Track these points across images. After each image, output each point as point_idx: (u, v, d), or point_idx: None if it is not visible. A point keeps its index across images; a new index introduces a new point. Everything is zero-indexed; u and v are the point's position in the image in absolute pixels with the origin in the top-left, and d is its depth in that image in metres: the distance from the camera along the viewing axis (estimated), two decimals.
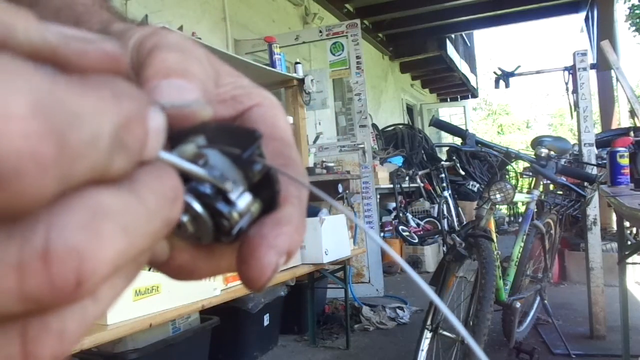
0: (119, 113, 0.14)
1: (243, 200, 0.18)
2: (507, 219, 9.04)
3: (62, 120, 0.12)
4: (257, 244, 0.19)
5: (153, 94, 0.18)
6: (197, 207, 0.18)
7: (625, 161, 2.32)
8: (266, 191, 0.19)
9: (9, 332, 0.13)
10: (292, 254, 0.20)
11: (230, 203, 0.18)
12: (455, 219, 6.29)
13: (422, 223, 6.03)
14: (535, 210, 2.66)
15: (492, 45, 54.89)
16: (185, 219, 0.18)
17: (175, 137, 0.18)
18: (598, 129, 6.05)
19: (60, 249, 0.12)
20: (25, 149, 0.11)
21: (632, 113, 3.86)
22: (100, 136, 0.13)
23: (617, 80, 3.81)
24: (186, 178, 0.17)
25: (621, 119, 6.28)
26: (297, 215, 0.20)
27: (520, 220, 2.93)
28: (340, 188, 4.01)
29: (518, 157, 2.41)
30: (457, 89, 12.98)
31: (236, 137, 0.19)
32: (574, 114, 3.31)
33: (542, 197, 2.95)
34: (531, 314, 2.98)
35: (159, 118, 0.16)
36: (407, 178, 6.19)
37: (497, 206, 2.24)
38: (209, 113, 0.18)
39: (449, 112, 13.15)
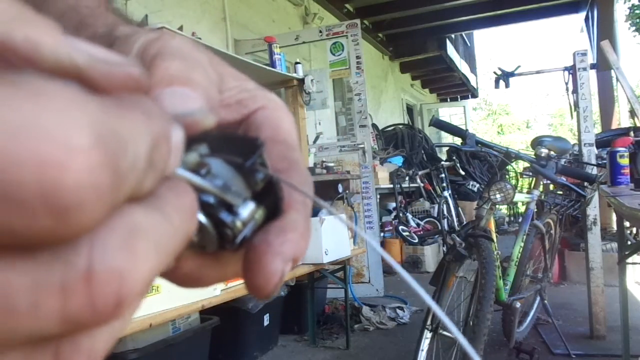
0: (150, 133, 0.14)
1: (246, 209, 0.18)
2: (507, 219, 9.04)
3: (115, 148, 0.12)
4: (262, 251, 0.19)
5: (158, 104, 0.18)
6: (201, 217, 0.18)
7: (625, 161, 2.32)
8: (270, 198, 0.19)
9: (44, 353, 0.13)
10: (298, 260, 0.20)
11: (233, 212, 0.18)
12: (455, 219, 6.29)
13: (422, 223, 6.03)
14: (535, 210, 2.66)
15: (492, 45, 54.92)
16: None
17: None
18: (598, 129, 6.05)
19: (102, 271, 0.12)
20: (88, 181, 0.11)
21: (632, 113, 3.86)
22: (139, 158, 0.13)
23: (617, 80, 3.81)
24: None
25: (621, 119, 6.28)
26: (302, 221, 0.20)
27: (520, 220, 2.93)
28: (340, 188, 4.01)
29: (518, 157, 2.41)
30: (457, 89, 12.98)
31: (238, 146, 0.19)
32: (574, 114, 3.31)
33: (542, 197, 2.95)
34: (531, 314, 2.98)
35: (179, 134, 0.16)
36: (407, 178, 6.18)
37: (497, 206, 2.24)
38: (211, 121, 0.18)
39: (449, 112, 13.15)
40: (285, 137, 0.23)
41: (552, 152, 2.45)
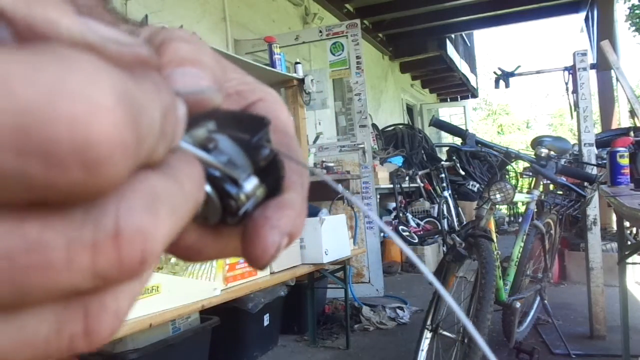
0: (161, 102, 0.15)
1: (250, 183, 0.19)
2: (507, 219, 9.04)
3: (135, 110, 0.13)
4: (261, 224, 0.20)
5: (167, 81, 0.19)
6: (207, 188, 0.18)
7: (625, 161, 2.32)
8: (271, 177, 0.20)
9: (75, 310, 0.14)
10: (294, 236, 0.21)
11: (238, 185, 0.19)
12: (455, 219, 6.29)
13: (422, 223, 6.03)
14: (535, 210, 2.66)
15: (492, 45, 54.91)
16: None
17: (188, 122, 0.19)
18: (598, 129, 6.05)
19: (129, 230, 0.13)
20: (114, 136, 0.13)
21: (632, 113, 3.86)
22: (154, 122, 0.14)
23: (617, 80, 3.81)
24: None
25: (621, 119, 6.28)
26: (299, 200, 0.21)
27: (520, 220, 2.93)
28: (340, 188, 4.00)
29: (518, 157, 2.41)
30: (457, 89, 12.98)
31: (245, 124, 0.20)
32: (574, 114, 3.31)
33: (542, 197, 2.95)
34: (531, 314, 2.98)
35: (183, 108, 0.17)
36: (407, 178, 6.18)
37: (497, 206, 2.24)
38: (220, 99, 0.19)
39: (449, 112, 13.15)
40: (283, 127, 0.24)
41: (552, 152, 2.45)
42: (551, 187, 3.60)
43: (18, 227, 0.12)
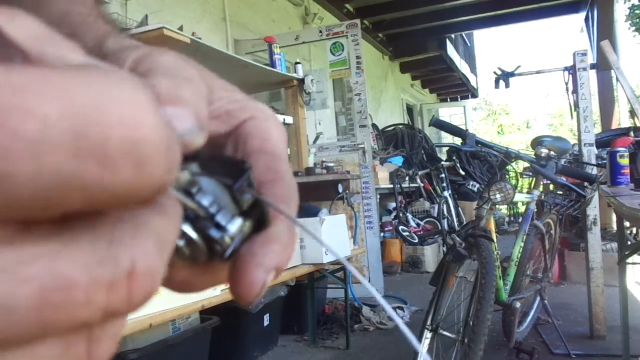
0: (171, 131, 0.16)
1: (234, 225, 0.19)
2: (507, 219, 9.04)
3: (165, 120, 0.14)
4: (246, 262, 0.20)
5: None
6: (192, 233, 0.19)
7: (625, 161, 2.32)
8: (257, 210, 0.20)
9: (80, 338, 0.15)
10: (281, 269, 0.21)
11: (222, 228, 0.19)
12: (455, 219, 6.29)
13: (422, 223, 6.03)
14: (535, 210, 2.66)
15: (492, 45, 54.90)
16: (181, 243, 0.19)
17: None
18: (598, 129, 6.05)
19: (142, 270, 0.14)
20: (157, 137, 0.14)
21: (632, 113, 3.86)
22: (174, 144, 0.15)
23: (617, 80, 3.81)
24: None
25: (621, 119, 6.28)
26: (286, 232, 0.21)
27: (520, 220, 2.93)
28: (340, 188, 4.01)
29: (518, 157, 2.41)
30: (457, 89, 12.98)
31: (227, 166, 0.20)
32: (574, 114, 3.31)
33: (542, 197, 2.95)
34: (531, 314, 2.98)
35: (179, 146, 0.17)
36: (407, 178, 6.18)
37: (497, 206, 2.24)
38: (202, 140, 0.19)
39: (449, 112, 13.15)
40: (272, 148, 0.23)
41: (552, 152, 2.45)
42: (551, 187, 3.60)
43: (53, 262, 0.13)
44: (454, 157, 6.83)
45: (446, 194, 6.38)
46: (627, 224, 2.53)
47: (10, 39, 0.13)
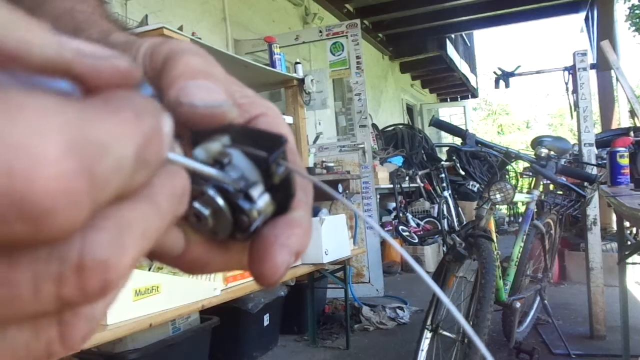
0: (140, 133, 0.15)
1: (263, 199, 0.19)
2: (507, 219, 9.03)
3: (92, 154, 0.13)
4: (271, 242, 0.20)
5: (181, 94, 0.19)
6: (220, 201, 0.19)
7: (625, 161, 2.32)
8: (281, 194, 0.20)
9: (49, 322, 0.15)
10: (300, 254, 0.21)
11: (251, 201, 0.19)
12: (455, 219, 6.29)
13: (422, 223, 6.03)
14: (535, 210, 2.66)
15: (492, 45, 54.88)
16: (206, 212, 0.19)
17: (202, 135, 0.19)
18: (598, 129, 6.05)
19: (91, 263, 0.14)
20: (59, 188, 0.12)
21: (632, 113, 3.86)
22: (125, 159, 0.14)
23: (617, 80, 3.81)
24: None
25: (621, 119, 6.28)
26: (307, 218, 0.21)
27: (520, 220, 2.93)
28: (340, 188, 4.01)
29: (518, 157, 2.41)
30: (457, 89, 12.98)
31: (262, 140, 0.20)
32: (574, 114, 3.31)
33: (542, 197, 2.95)
34: (531, 314, 2.98)
35: (168, 123, 0.17)
36: (407, 178, 6.18)
37: (497, 206, 2.24)
38: (235, 114, 0.19)
39: (449, 112, 13.15)
40: None
41: (552, 152, 2.45)
42: (551, 187, 3.60)
43: None
44: (454, 157, 6.83)
45: (446, 194, 6.38)
46: (627, 224, 2.53)
47: None
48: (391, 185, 5.89)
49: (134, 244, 0.15)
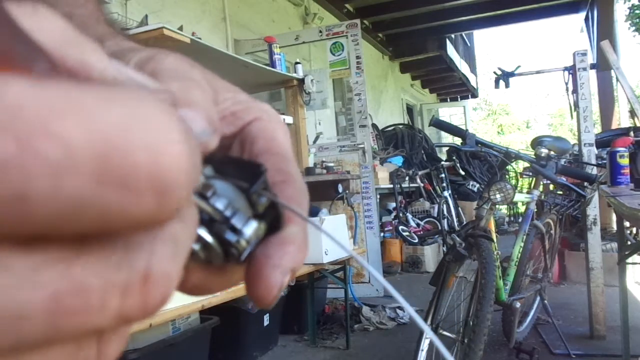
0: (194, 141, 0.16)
1: (249, 228, 0.19)
2: (507, 219, 9.03)
3: (192, 146, 0.14)
4: (263, 264, 0.20)
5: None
6: (208, 237, 0.18)
7: (625, 161, 2.32)
8: (271, 213, 0.20)
9: (92, 338, 0.14)
10: (297, 270, 0.21)
11: (237, 232, 0.19)
12: (455, 219, 6.29)
13: (422, 223, 6.03)
14: (535, 210, 2.66)
15: (492, 45, 54.90)
16: (196, 247, 0.19)
17: None
18: (598, 129, 6.05)
19: (157, 275, 0.14)
20: (181, 166, 0.13)
21: (632, 113, 3.86)
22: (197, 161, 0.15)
23: (617, 80, 3.81)
24: None
25: (621, 119, 6.28)
26: (300, 233, 0.21)
27: (520, 220, 2.93)
28: (340, 188, 4.01)
29: (518, 157, 2.41)
30: (457, 89, 12.98)
31: (242, 170, 0.20)
32: (574, 114, 3.31)
33: (542, 197, 2.95)
34: (531, 314, 2.98)
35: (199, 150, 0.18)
36: (407, 178, 6.18)
37: (497, 206, 2.24)
38: (215, 142, 0.19)
39: (449, 112, 13.16)
40: (280, 149, 0.23)
41: (552, 152, 2.45)
42: (551, 187, 3.60)
43: (67, 268, 0.12)
44: (454, 157, 6.83)
45: (446, 194, 6.38)
46: (627, 224, 2.53)
47: (32, 40, 0.13)
48: (391, 185, 5.89)
49: (182, 260, 0.15)
